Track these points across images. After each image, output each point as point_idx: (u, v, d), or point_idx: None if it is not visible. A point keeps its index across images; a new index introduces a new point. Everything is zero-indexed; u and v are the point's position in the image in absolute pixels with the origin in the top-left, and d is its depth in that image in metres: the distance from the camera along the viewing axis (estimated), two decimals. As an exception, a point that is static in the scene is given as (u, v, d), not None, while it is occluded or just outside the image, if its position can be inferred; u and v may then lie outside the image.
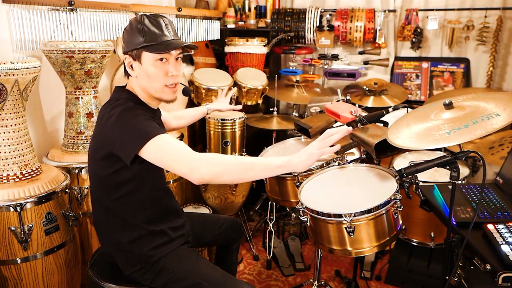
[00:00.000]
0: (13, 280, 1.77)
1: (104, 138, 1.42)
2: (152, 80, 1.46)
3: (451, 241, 1.46)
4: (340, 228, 1.48)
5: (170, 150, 1.34)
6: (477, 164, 2.78)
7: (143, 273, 1.53)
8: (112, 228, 1.54)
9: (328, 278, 2.56)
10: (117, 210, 1.51)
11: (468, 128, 1.34)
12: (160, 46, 1.42)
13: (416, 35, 3.13)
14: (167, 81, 1.47)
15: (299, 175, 1.85)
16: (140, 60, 1.45)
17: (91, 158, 1.53)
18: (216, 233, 1.85)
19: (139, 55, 1.45)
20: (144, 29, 1.42)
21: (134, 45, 1.44)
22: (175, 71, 1.47)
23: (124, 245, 1.52)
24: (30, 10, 2.02)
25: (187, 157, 1.32)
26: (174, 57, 1.47)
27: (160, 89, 1.48)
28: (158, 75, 1.45)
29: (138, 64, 1.46)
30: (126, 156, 1.35)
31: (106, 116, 1.43)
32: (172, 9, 2.90)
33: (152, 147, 1.33)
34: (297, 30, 3.28)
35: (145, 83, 1.48)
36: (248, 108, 3.21)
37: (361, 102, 2.97)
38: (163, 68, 1.45)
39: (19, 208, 1.71)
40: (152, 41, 1.42)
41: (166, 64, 1.46)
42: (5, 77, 1.69)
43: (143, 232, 1.52)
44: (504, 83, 3.06)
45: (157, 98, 1.52)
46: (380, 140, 1.65)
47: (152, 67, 1.44)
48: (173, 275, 1.50)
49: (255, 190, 2.76)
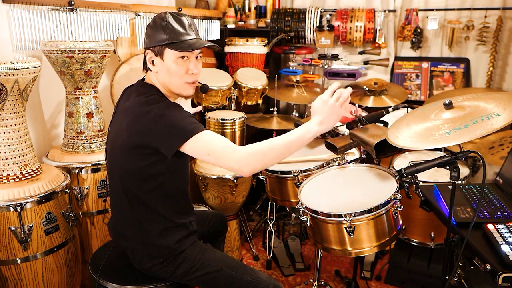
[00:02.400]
0: (13, 280, 1.77)
1: (142, 132, 1.42)
2: (172, 76, 1.50)
3: (451, 241, 1.46)
4: (340, 228, 1.48)
5: (216, 146, 1.39)
6: (477, 164, 2.78)
7: (164, 266, 1.54)
8: (138, 220, 1.55)
9: (328, 278, 2.56)
10: (149, 201, 1.52)
11: (468, 128, 1.34)
12: (183, 44, 1.46)
13: (416, 35, 3.13)
14: (188, 79, 1.51)
15: (299, 175, 1.85)
16: (162, 56, 1.49)
17: (119, 150, 1.51)
18: (205, 229, 1.89)
19: (162, 51, 1.48)
20: (168, 27, 1.46)
21: (157, 42, 1.47)
22: (196, 69, 1.51)
23: (151, 238, 1.54)
24: (30, 10, 2.02)
25: (235, 152, 1.38)
26: (195, 56, 1.51)
27: (180, 85, 1.52)
28: (179, 72, 1.49)
29: (159, 60, 1.50)
30: (169, 150, 1.40)
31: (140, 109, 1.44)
32: (172, 9, 2.90)
33: (197, 143, 1.38)
34: (297, 30, 3.28)
35: (166, 79, 1.52)
36: (248, 108, 3.21)
37: (361, 102, 2.97)
38: (184, 65, 1.49)
39: (19, 208, 1.71)
40: (175, 39, 1.46)
41: (187, 62, 1.50)
42: (5, 77, 1.69)
43: (169, 224, 1.55)
44: (504, 83, 3.06)
45: (176, 94, 1.56)
46: (380, 140, 1.65)
47: (174, 64, 1.48)
48: (194, 265, 1.54)
49: (255, 190, 2.76)
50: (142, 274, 1.58)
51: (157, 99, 1.48)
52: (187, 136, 1.37)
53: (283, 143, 1.39)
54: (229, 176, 2.45)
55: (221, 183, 2.48)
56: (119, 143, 1.50)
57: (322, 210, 1.51)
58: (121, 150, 1.50)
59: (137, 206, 1.53)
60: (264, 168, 1.40)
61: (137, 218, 1.55)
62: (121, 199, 1.57)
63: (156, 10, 2.76)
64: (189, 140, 1.37)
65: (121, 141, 1.49)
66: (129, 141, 1.46)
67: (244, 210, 2.97)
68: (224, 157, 1.38)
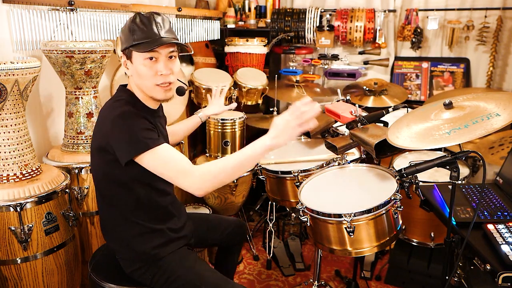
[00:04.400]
0: (13, 280, 1.77)
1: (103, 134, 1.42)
2: (142, 79, 1.45)
3: (451, 241, 1.46)
4: (340, 228, 1.48)
5: (172, 166, 1.35)
6: (477, 164, 2.78)
7: (143, 272, 1.53)
8: (115, 223, 1.55)
9: (328, 278, 2.56)
10: (119, 206, 1.52)
11: (468, 128, 1.34)
12: (145, 44, 1.40)
13: (416, 35, 3.13)
14: (157, 80, 1.45)
15: (299, 175, 1.85)
16: (131, 59, 1.45)
17: (92, 150, 1.53)
18: (219, 236, 1.85)
19: (130, 54, 1.45)
20: (134, 28, 1.42)
21: (125, 44, 1.44)
22: (165, 70, 1.44)
23: (126, 240, 1.53)
24: (30, 10, 2.02)
25: (188, 175, 1.34)
26: (165, 56, 1.44)
27: (152, 88, 1.46)
28: (148, 74, 1.43)
29: (130, 63, 1.47)
30: (123, 157, 1.37)
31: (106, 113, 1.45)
32: (172, 9, 2.90)
33: (151, 158, 1.35)
34: (297, 30, 3.28)
35: (138, 81, 1.48)
36: (248, 108, 3.21)
37: (361, 102, 2.97)
38: (153, 67, 1.43)
39: (19, 208, 1.71)
40: (140, 40, 1.41)
41: (156, 63, 1.43)
42: (5, 77, 1.69)
43: (143, 230, 1.53)
44: (504, 83, 3.06)
45: (151, 97, 1.51)
46: (380, 140, 1.65)
47: (142, 66, 1.43)
48: (171, 276, 1.50)
49: (255, 190, 2.76)
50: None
51: (120, 104, 1.44)
52: (144, 148, 1.34)
53: (234, 163, 1.33)
54: (229, 176, 2.45)
55: (221, 183, 2.48)
56: (92, 144, 1.53)
57: (322, 210, 1.51)
58: (92, 151, 1.52)
59: (110, 209, 1.54)
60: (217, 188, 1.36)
61: (112, 221, 1.56)
62: (98, 200, 1.59)
63: (156, 10, 2.75)
64: (146, 153, 1.34)
65: (92, 142, 1.52)
66: (94, 141, 1.48)
67: (244, 210, 2.97)
68: (178, 179, 1.34)
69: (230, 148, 2.62)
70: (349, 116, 1.89)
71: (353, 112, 1.89)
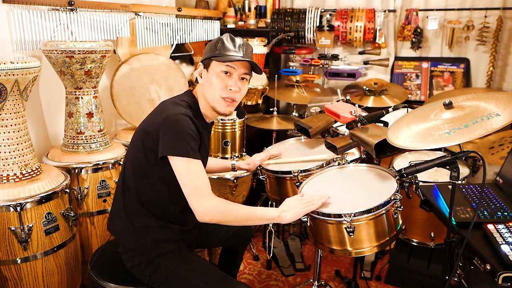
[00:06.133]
0: (13, 280, 1.77)
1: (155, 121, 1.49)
2: (211, 88, 1.55)
3: (451, 241, 1.45)
4: (340, 228, 1.48)
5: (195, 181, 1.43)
6: (477, 164, 2.78)
7: (142, 269, 1.54)
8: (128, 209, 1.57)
9: (328, 278, 2.56)
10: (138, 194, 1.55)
11: (468, 128, 1.34)
12: (226, 57, 1.51)
13: (416, 35, 3.13)
14: (224, 93, 1.54)
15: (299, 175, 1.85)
16: (208, 68, 1.56)
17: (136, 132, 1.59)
18: (223, 237, 1.86)
19: (209, 63, 1.56)
20: (219, 45, 1.54)
21: (208, 55, 1.56)
22: (235, 87, 1.54)
23: (131, 228, 1.55)
24: (30, 10, 2.02)
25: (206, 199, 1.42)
26: (238, 75, 1.55)
27: (216, 98, 1.55)
28: (218, 85, 1.54)
29: (205, 72, 1.58)
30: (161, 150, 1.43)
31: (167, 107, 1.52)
32: (172, 9, 2.90)
33: (183, 165, 1.42)
34: (297, 30, 3.28)
35: (206, 90, 1.57)
36: (248, 108, 3.21)
37: (361, 102, 2.97)
38: (225, 80, 1.54)
39: (19, 208, 1.71)
40: (222, 54, 1.52)
41: (229, 78, 1.54)
42: (5, 77, 1.69)
43: (151, 223, 1.55)
44: (504, 83, 3.06)
45: (212, 108, 1.58)
46: (380, 140, 1.65)
47: (216, 77, 1.54)
48: (170, 273, 1.52)
49: (255, 190, 2.76)
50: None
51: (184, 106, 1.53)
52: (184, 154, 1.41)
53: (245, 212, 1.47)
54: (229, 176, 2.45)
55: (221, 183, 2.48)
56: (139, 126, 1.59)
57: (322, 210, 1.51)
58: (136, 133, 1.59)
59: (128, 193, 1.58)
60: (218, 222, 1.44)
61: (125, 205, 1.58)
62: (119, 182, 1.63)
63: (156, 10, 2.76)
64: (182, 158, 1.41)
65: (141, 125, 1.58)
66: (144, 125, 1.55)
67: (244, 210, 2.96)
68: (198, 197, 1.41)
69: (230, 148, 2.62)
70: (349, 116, 1.89)
71: (353, 112, 1.89)
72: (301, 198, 1.55)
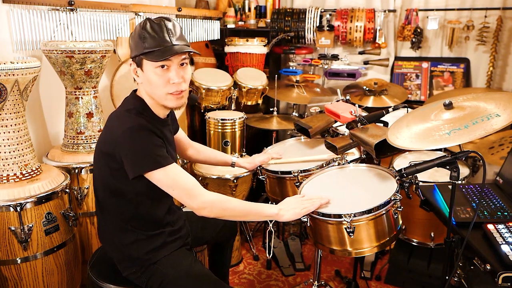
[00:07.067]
0: (13, 280, 1.77)
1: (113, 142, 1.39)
2: (154, 87, 1.42)
3: (451, 241, 1.45)
4: (340, 228, 1.48)
5: (184, 184, 1.40)
6: (477, 164, 2.78)
7: (138, 276, 1.53)
8: (110, 229, 1.55)
9: (328, 278, 2.56)
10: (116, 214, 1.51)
11: (468, 129, 1.34)
12: (158, 53, 1.37)
13: (416, 35, 3.13)
14: (169, 89, 1.42)
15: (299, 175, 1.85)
16: (142, 67, 1.42)
17: (96, 153, 1.52)
18: (212, 232, 1.86)
19: (141, 62, 1.41)
20: (145, 35, 1.38)
21: (135, 52, 1.41)
22: (177, 79, 1.41)
23: (121, 246, 1.52)
24: (30, 10, 2.02)
25: (201, 195, 1.41)
26: (176, 63, 1.41)
27: (163, 96, 1.44)
28: (159, 83, 1.40)
29: (140, 71, 1.44)
30: (132, 171, 1.36)
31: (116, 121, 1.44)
32: (172, 9, 2.90)
33: (162, 176, 1.37)
34: (297, 30, 3.28)
35: (149, 90, 1.45)
36: (248, 108, 3.21)
37: (361, 102, 2.97)
38: (164, 75, 1.40)
39: (19, 208, 1.71)
40: (151, 48, 1.37)
41: (168, 71, 1.40)
42: (5, 77, 1.69)
43: (139, 237, 1.51)
44: (504, 83, 3.06)
45: (162, 106, 1.48)
46: (380, 140, 1.65)
47: (153, 74, 1.40)
48: (164, 279, 1.50)
49: (255, 190, 2.76)
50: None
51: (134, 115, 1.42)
52: (156, 166, 1.35)
53: (244, 208, 1.47)
54: (229, 176, 2.45)
55: (221, 183, 2.48)
56: (97, 146, 1.51)
57: (322, 210, 1.51)
58: (97, 153, 1.51)
59: (108, 214, 1.53)
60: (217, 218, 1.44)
61: (107, 227, 1.55)
62: (97, 204, 1.58)
63: (156, 10, 2.76)
64: (157, 170, 1.35)
65: (98, 144, 1.50)
66: (101, 145, 1.47)
67: (244, 210, 2.96)
68: (190, 196, 1.39)
69: (230, 148, 2.62)
70: (349, 116, 1.89)
71: (353, 112, 1.89)
72: (301, 198, 1.55)
